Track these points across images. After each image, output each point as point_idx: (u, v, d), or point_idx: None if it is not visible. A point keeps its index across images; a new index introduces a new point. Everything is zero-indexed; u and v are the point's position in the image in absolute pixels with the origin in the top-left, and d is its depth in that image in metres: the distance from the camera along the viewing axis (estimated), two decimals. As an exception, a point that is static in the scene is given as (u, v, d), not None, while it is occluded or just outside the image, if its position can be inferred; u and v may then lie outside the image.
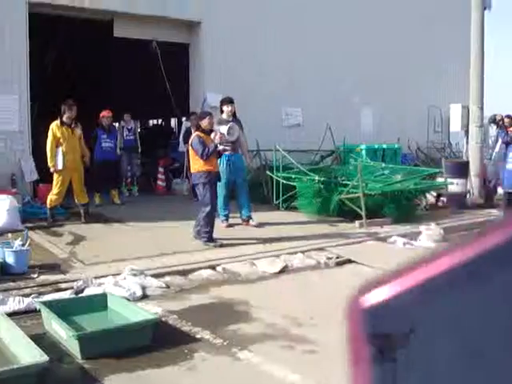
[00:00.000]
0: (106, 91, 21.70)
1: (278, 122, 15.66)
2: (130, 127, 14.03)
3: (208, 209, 8.42)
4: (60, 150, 9.96)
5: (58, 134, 9.96)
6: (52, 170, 9.99)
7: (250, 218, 10.11)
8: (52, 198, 10.05)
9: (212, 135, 8.55)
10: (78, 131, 10.25)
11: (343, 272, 7.71)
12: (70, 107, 10.12)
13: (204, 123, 8.64)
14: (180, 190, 14.07)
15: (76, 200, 10.38)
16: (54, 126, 10.02)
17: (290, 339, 5.08)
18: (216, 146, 8.54)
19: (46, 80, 14.43)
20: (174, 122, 30.36)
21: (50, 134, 9.97)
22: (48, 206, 10.08)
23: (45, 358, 4.05)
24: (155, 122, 33.66)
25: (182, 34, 14.76)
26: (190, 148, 8.61)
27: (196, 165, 8.55)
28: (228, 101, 10.02)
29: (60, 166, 9.95)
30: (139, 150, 14.35)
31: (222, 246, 8.44)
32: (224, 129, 8.84)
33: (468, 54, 14.06)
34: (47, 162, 10.03)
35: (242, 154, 10.23)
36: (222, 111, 10.05)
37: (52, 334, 5.10)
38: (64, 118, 10.07)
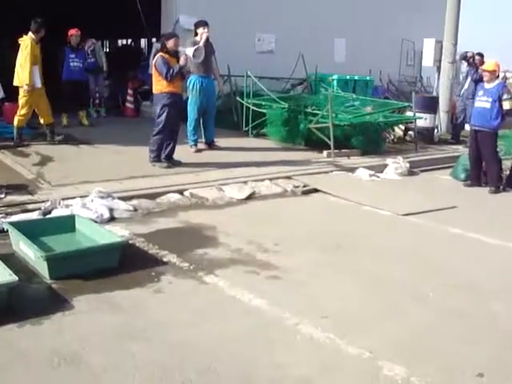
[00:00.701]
0: (74, 9, 21.03)
1: (251, 47, 15.44)
2: (91, 49, 13.53)
3: (158, 128, 8.47)
4: (36, 67, 9.63)
5: (35, 52, 9.60)
6: (28, 88, 9.55)
7: (213, 141, 10.27)
8: (20, 118, 9.81)
9: (181, 58, 8.47)
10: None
11: (309, 200, 7.84)
12: (43, 26, 9.73)
13: (169, 44, 8.51)
14: (149, 113, 13.88)
15: (42, 120, 10.21)
16: (31, 41, 9.53)
17: (255, 264, 5.21)
18: (181, 68, 8.46)
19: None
20: (144, 42, 29.67)
21: (27, 50, 9.46)
22: (15, 125, 9.87)
23: (14, 277, 4.11)
24: (124, 42, 32.86)
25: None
26: (154, 69, 8.50)
27: (159, 86, 8.48)
28: (203, 23, 9.87)
29: (39, 84, 9.67)
30: (104, 70, 13.99)
31: (169, 167, 8.50)
32: (190, 50, 8.66)
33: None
34: (13, 80, 9.77)
35: (215, 78, 10.19)
36: (196, 33, 9.90)
37: (20, 255, 5.14)
38: (37, 36, 9.70)
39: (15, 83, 9.81)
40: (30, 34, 9.65)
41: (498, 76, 9.14)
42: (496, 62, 9.07)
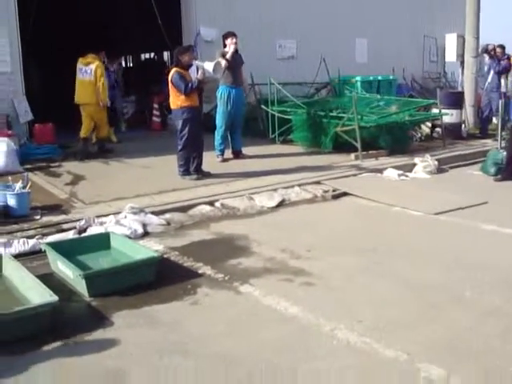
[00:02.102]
0: (98, 28, 21.35)
1: (272, 54, 15.54)
2: (112, 69, 13.81)
3: (183, 143, 8.57)
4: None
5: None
6: (103, 105, 10.96)
7: (240, 151, 10.37)
8: (107, 131, 11.49)
9: (199, 72, 8.57)
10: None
11: (339, 205, 7.86)
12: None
13: (184, 58, 8.58)
14: (175, 126, 14.01)
15: (98, 135, 11.27)
16: (102, 64, 11.04)
17: (289, 272, 5.25)
18: (199, 82, 8.54)
19: (34, 20, 14.15)
20: (166, 55, 29.92)
21: (102, 71, 10.86)
22: (102, 137, 11.25)
23: (55, 297, 4.21)
24: (147, 55, 33.16)
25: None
26: (170, 84, 8.56)
27: (178, 101, 8.55)
28: (231, 34, 9.99)
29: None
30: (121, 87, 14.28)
31: (199, 179, 8.59)
32: (209, 65, 8.71)
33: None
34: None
35: (243, 88, 10.30)
36: (224, 45, 10.00)
37: (58, 275, 5.26)
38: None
39: (84, 101, 10.89)
40: (98, 57, 11.11)
41: None
42: None
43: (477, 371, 3.55)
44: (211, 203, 7.53)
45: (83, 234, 6.33)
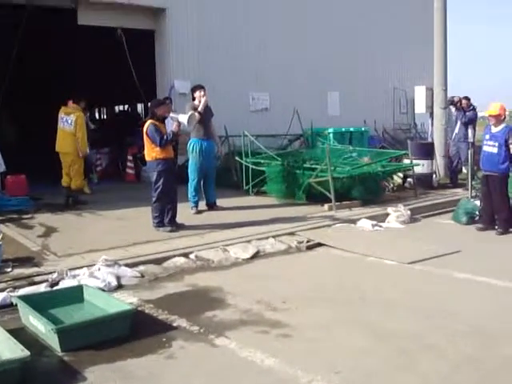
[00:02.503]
0: (72, 80, 21.47)
1: (246, 106, 15.74)
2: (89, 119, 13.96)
3: (157, 195, 8.56)
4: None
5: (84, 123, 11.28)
6: (83, 155, 11.22)
7: (215, 203, 10.37)
8: (81, 182, 11.41)
9: (174, 124, 8.64)
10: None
11: (314, 255, 7.87)
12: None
13: (159, 111, 8.66)
14: (149, 177, 14.01)
15: (72, 186, 11.29)
16: (81, 115, 11.19)
17: (265, 324, 5.22)
18: (174, 135, 8.61)
19: (7, 72, 14.21)
20: (140, 107, 30.13)
21: (83, 123, 11.16)
22: (76, 187, 11.23)
23: (26, 352, 4.12)
24: (121, 107, 33.36)
25: (148, 21, 14.69)
26: (146, 136, 8.59)
27: (153, 153, 8.58)
28: (199, 87, 10.11)
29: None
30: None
31: (173, 230, 8.56)
32: (184, 117, 8.78)
33: (432, 37, 14.26)
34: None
35: (214, 140, 10.36)
36: (193, 98, 10.11)
37: (30, 329, 5.15)
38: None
39: (63, 150, 11.15)
40: (79, 107, 11.27)
41: (504, 118, 9.09)
42: (501, 104, 9.03)
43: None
44: (186, 255, 7.49)
45: (56, 287, 6.22)
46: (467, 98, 13.32)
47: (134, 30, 14.33)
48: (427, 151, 12.90)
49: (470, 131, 13.14)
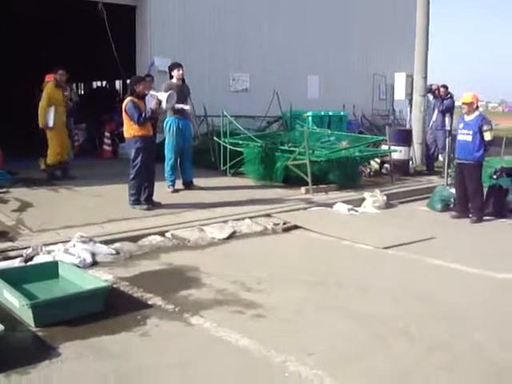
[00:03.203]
0: (50, 54, 21.17)
1: (226, 87, 15.68)
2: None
3: (135, 172, 8.54)
4: (52, 108, 10.75)
5: (52, 95, 10.78)
6: (41, 126, 10.84)
7: (191, 182, 10.33)
8: (50, 155, 10.96)
9: (153, 102, 8.59)
10: (66, 94, 11.20)
11: (290, 238, 7.91)
12: (62, 74, 10.96)
13: (139, 88, 8.59)
14: (126, 154, 13.91)
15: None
16: (50, 87, 10.79)
17: (240, 304, 5.24)
18: (152, 112, 8.59)
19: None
20: (118, 83, 29.83)
21: (45, 94, 10.79)
22: (47, 163, 11.01)
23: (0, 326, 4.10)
24: (99, 84, 32.99)
25: (129, -4, 14.52)
26: (124, 113, 8.55)
27: (131, 130, 8.54)
28: (177, 65, 10.04)
29: (51, 124, 10.78)
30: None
31: (149, 209, 8.55)
32: (163, 95, 8.73)
33: (414, 24, 14.29)
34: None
35: (189, 118, 10.31)
36: (171, 76, 10.04)
37: (3, 303, 5.11)
38: (57, 81, 10.91)
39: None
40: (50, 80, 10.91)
41: (477, 107, 9.21)
42: (474, 94, 9.15)
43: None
44: (161, 234, 7.48)
45: (30, 263, 6.18)
46: (445, 87, 13.42)
47: (114, 4, 14.15)
48: (405, 138, 12.97)
49: (447, 119, 13.25)
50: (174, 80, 9.94)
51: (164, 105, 8.80)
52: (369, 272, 6.40)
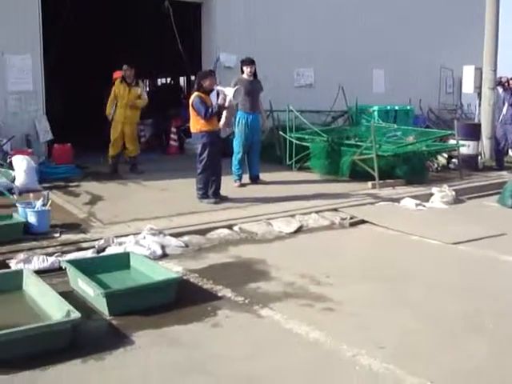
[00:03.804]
0: (117, 51, 21.63)
1: (290, 82, 15.66)
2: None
3: (202, 166, 8.64)
4: (114, 103, 11.26)
5: (117, 90, 11.26)
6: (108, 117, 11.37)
7: (258, 177, 10.39)
8: (110, 147, 11.36)
9: (220, 97, 8.67)
10: (137, 90, 11.36)
11: (357, 232, 7.85)
12: (126, 69, 11.30)
13: (206, 83, 8.68)
14: (192, 150, 14.07)
15: (124, 153, 11.56)
16: (117, 82, 11.32)
17: (309, 297, 5.24)
18: (219, 107, 8.65)
19: (58, 40, 14.41)
20: (182, 80, 30.15)
21: (112, 89, 11.32)
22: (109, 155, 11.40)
23: (77, 314, 4.22)
24: (163, 80, 33.43)
25: (196, -7, 14.67)
26: (191, 108, 8.66)
27: (198, 125, 8.64)
28: (249, 61, 10.09)
29: (110, 117, 11.31)
30: None
31: (217, 202, 8.64)
32: (230, 91, 8.78)
33: (483, 16, 13.96)
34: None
35: (260, 114, 10.33)
36: (242, 71, 10.11)
37: (78, 292, 5.27)
38: (125, 77, 11.31)
39: None
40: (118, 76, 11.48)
41: None
42: None
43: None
44: (229, 227, 7.55)
45: (101, 254, 6.35)
46: (516, 79, 13.01)
47: (181, 1, 14.33)
48: (474, 132, 12.68)
49: (517, 112, 12.84)
50: (245, 76, 10.00)
51: (230, 100, 8.85)
52: (438, 268, 6.29)
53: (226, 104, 8.77)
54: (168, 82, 32.38)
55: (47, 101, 12.20)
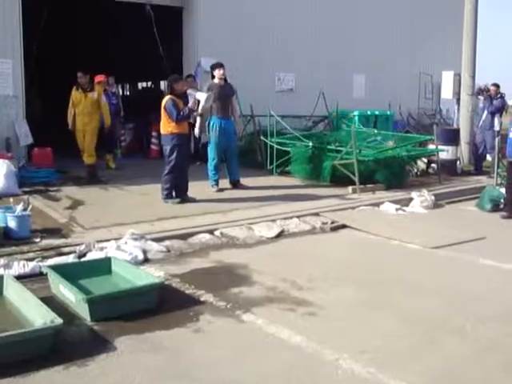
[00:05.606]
0: (100, 54, 21.57)
1: (271, 87, 15.71)
2: (113, 91, 14.02)
3: (170, 167, 8.84)
4: (72, 111, 11.03)
5: (73, 98, 11.03)
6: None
7: (238, 181, 10.38)
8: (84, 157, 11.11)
9: (191, 101, 8.88)
10: (94, 95, 11.06)
11: (338, 237, 7.90)
12: (81, 76, 11.00)
13: (177, 86, 8.89)
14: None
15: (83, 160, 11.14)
16: (72, 90, 11.05)
17: (291, 302, 5.27)
18: (190, 111, 8.87)
19: (38, 44, 14.32)
20: (163, 84, 30.10)
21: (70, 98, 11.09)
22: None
23: (59, 320, 4.20)
24: (144, 84, 33.36)
25: (176, -1, 14.68)
26: (163, 110, 8.82)
27: (168, 127, 8.84)
28: (219, 65, 10.08)
29: (70, 126, 11.03)
30: (121, 114, 14.29)
31: (181, 203, 8.79)
32: (201, 95, 8.93)
33: (462, 22, 14.11)
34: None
35: (234, 119, 10.31)
36: (212, 76, 10.11)
37: (59, 298, 5.25)
38: (80, 84, 11.01)
39: None
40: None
41: None
42: None
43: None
44: (210, 232, 7.56)
45: (83, 259, 6.32)
46: (496, 85, 13.10)
47: (162, 6, 14.32)
48: (453, 137, 12.81)
49: (496, 120, 12.98)
50: (216, 80, 10.00)
51: (202, 104, 9.00)
52: (419, 272, 6.35)
53: (200, 110, 8.90)
54: (149, 85, 32.34)
55: (27, 104, 12.13)
